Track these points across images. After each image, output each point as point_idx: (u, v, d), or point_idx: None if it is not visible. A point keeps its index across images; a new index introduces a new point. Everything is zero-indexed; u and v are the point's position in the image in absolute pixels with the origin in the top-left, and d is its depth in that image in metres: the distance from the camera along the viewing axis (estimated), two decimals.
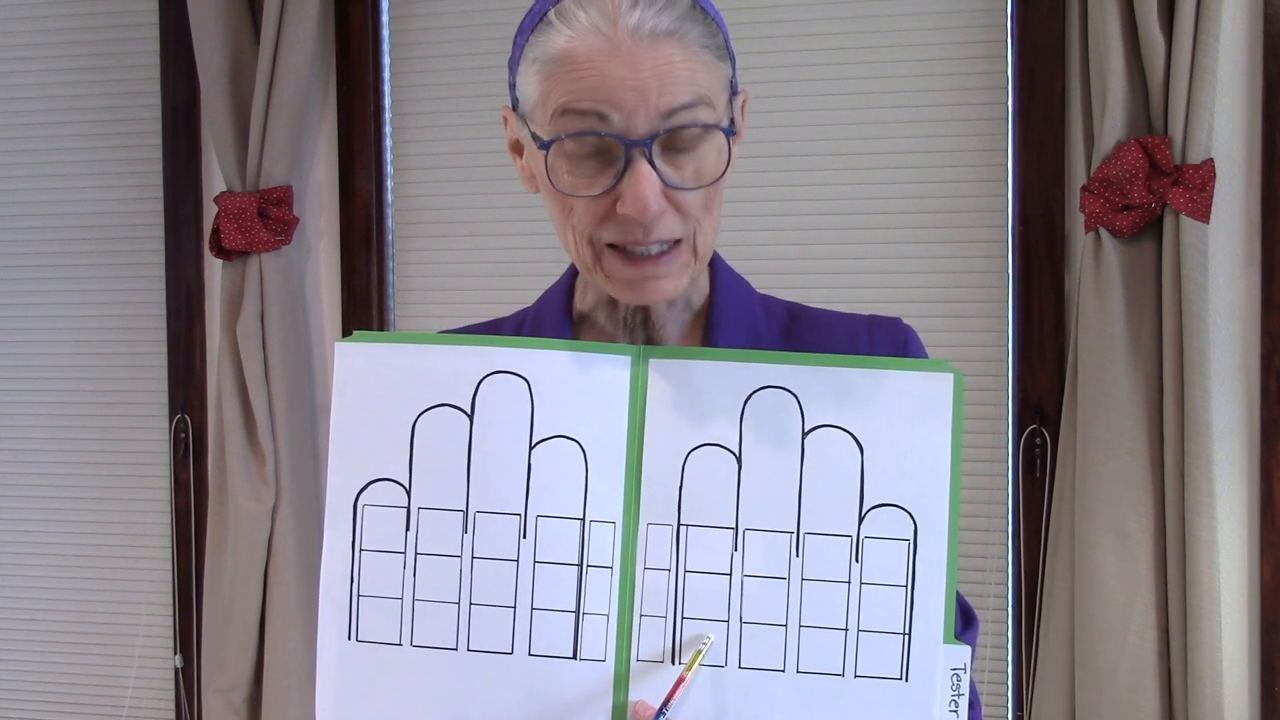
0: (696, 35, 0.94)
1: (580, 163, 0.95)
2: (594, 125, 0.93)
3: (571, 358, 0.98)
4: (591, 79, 0.92)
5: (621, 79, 0.91)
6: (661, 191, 0.94)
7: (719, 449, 0.97)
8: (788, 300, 1.13)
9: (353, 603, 0.99)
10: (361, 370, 1.00)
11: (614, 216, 0.95)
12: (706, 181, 0.96)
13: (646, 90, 0.92)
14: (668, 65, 0.92)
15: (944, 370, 0.96)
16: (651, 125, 0.93)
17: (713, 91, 0.96)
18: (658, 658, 0.96)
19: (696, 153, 0.96)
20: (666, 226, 0.96)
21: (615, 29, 0.92)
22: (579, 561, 0.96)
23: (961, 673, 0.95)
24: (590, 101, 0.92)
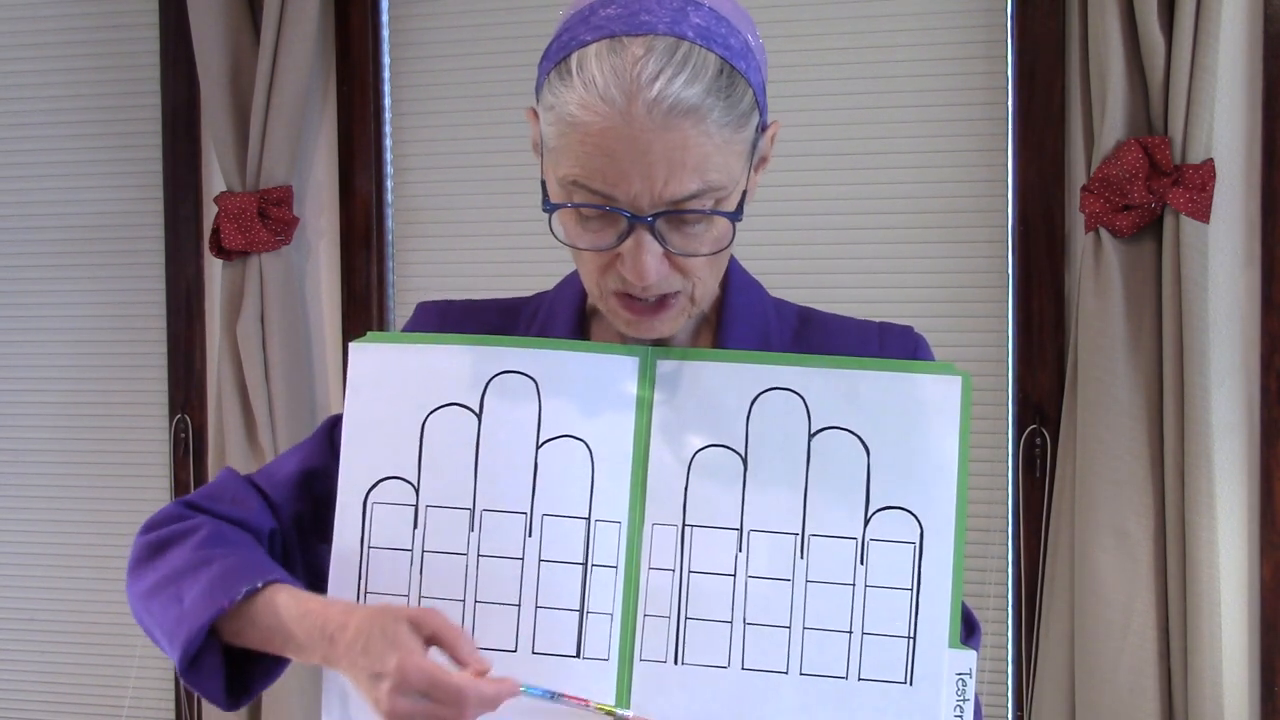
0: (718, 114, 0.91)
1: (586, 221, 0.95)
2: (600, 202, 0.92)
3: (579, 358, 0.99)
4: (600, 160, 0.90)
5: (630, 164, 0.89)
6: (662, 256, 0.93)
7: (725, 450, 0.97)
8: (800, 305, 1.13)
9: (360, 599, 1.00)
10: (374, 370, 1.01)
11: (616, 268, 0.95)
12: (707, 252, 0.96)
13: (654, 178, 0.90)
14: (679, 150, 0.89)
15: (952, 373, 0.96)
16: (656, 206, 0.91)
17: (724, 175, 0.93)
18: (661, 657, 0.96)
19: (702, 232, 0.95)
20: (666, 284, 0.96)
21: (630, 103, 0.88)
22: (584, 560, 0.97)
23: (967, 677, 0.94)
24: (599, 182, 0.91)
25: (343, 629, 0.92)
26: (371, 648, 0.90)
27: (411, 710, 0.88)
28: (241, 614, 0.97)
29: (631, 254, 0.93)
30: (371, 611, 0.92)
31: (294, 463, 1.09)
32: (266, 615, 0.96)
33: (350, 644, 0.91)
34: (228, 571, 0.98)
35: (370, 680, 0.89)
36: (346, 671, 0.92)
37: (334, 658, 0.92)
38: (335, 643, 0.92)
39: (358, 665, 0.90)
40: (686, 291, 0.98)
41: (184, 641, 0.96)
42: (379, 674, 0.88)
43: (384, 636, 0.90)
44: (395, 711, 0.88)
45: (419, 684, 0.87)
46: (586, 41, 0.91)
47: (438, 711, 0.88)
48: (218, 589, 0.97)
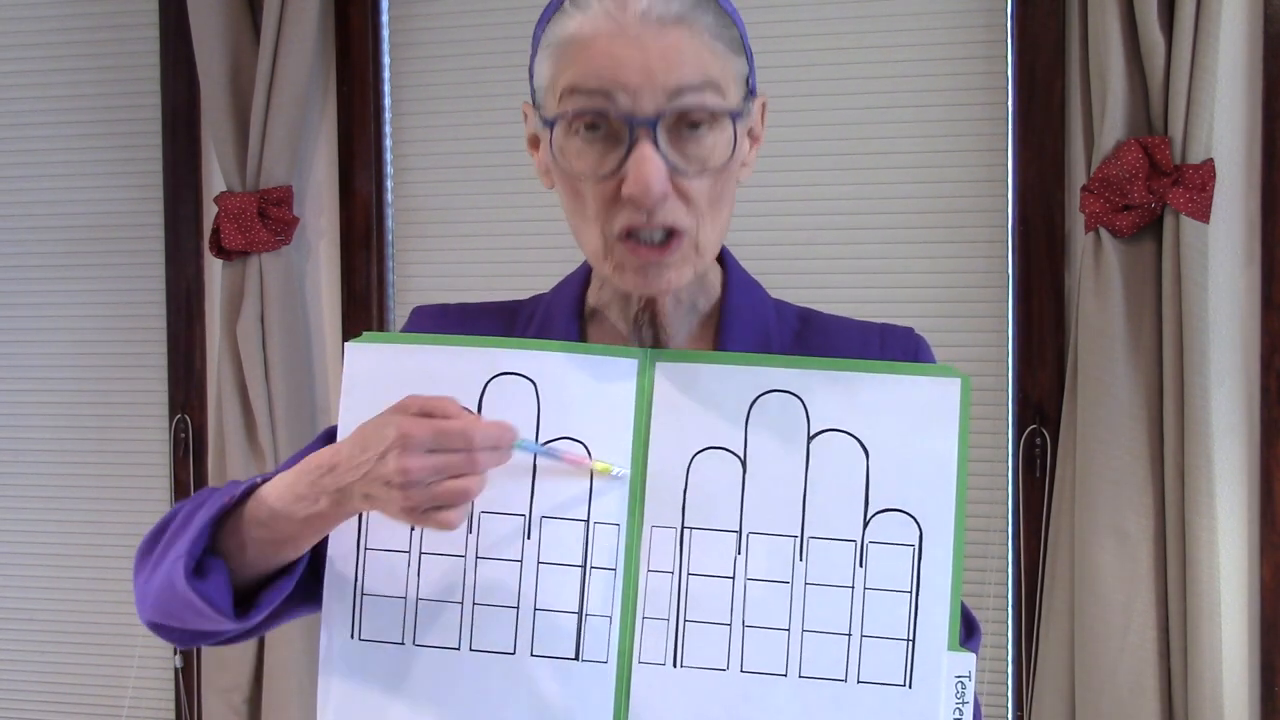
0: (707, 24, 0.94)
1: (588, 146, 0.95)
2: (600, 104, 0.93)
3: (578, 360, 0.99)
4: (599, 59, 0.93)
5: (628, 58, 0.92)
6: (666, 175, 0.93)
7: (724, 452, 0.97)
8: (800, 306, 1.12)
9: (357, 601, 1.00)
10: (370, 371, 1.00)
11: (621, 201, 0.95)
12: (711, 167, 0.96)
13: (653, 70, 0.92)
14: (675, 50, 0.93)
15: (951, 375, 0.96)
16: (657, 104, 0.93)
17: (723, 79, 0.96)
18: (660, 660, 0.95)
19: (704, 140, 0.95)
20: (670, 212, 0.95)
21: (625, 13, 0.93)
22: (582, 563, 0.96)
23: (966, 680, 0.94)
24: (597, 80, 0.93)
25: (337, 453, 0.91)
26: (368, 439, 0.89)
27: (424, 467, 0.87)
28: (242, 520, 0.96)
29: (634, 167, 0.93)
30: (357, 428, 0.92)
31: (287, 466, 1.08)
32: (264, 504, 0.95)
33: (350, 454, 0.90)
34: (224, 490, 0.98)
35: (379, 464, 0.87)
36: (358, 489, 0.89)
37: (341, 483, 0.90)
38: (336, 467, 0.90)
39: (362, 467, 0.88)
40: (690, 233, 0.97)
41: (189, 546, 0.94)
42: (384, 453, 0.87)
43: (375, 426, 0.89)
44: (410, 473, 0.86)
45: (424, 437, 0.87)
46: None
47: (449, 461, 0.87)
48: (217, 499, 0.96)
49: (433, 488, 0.88)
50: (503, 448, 0.90)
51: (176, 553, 0.95)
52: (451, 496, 0.88)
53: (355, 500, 0.91)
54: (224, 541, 0.97)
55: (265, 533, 0.95)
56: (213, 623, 0.98)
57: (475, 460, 0.88)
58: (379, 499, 0.89)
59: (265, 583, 1.00)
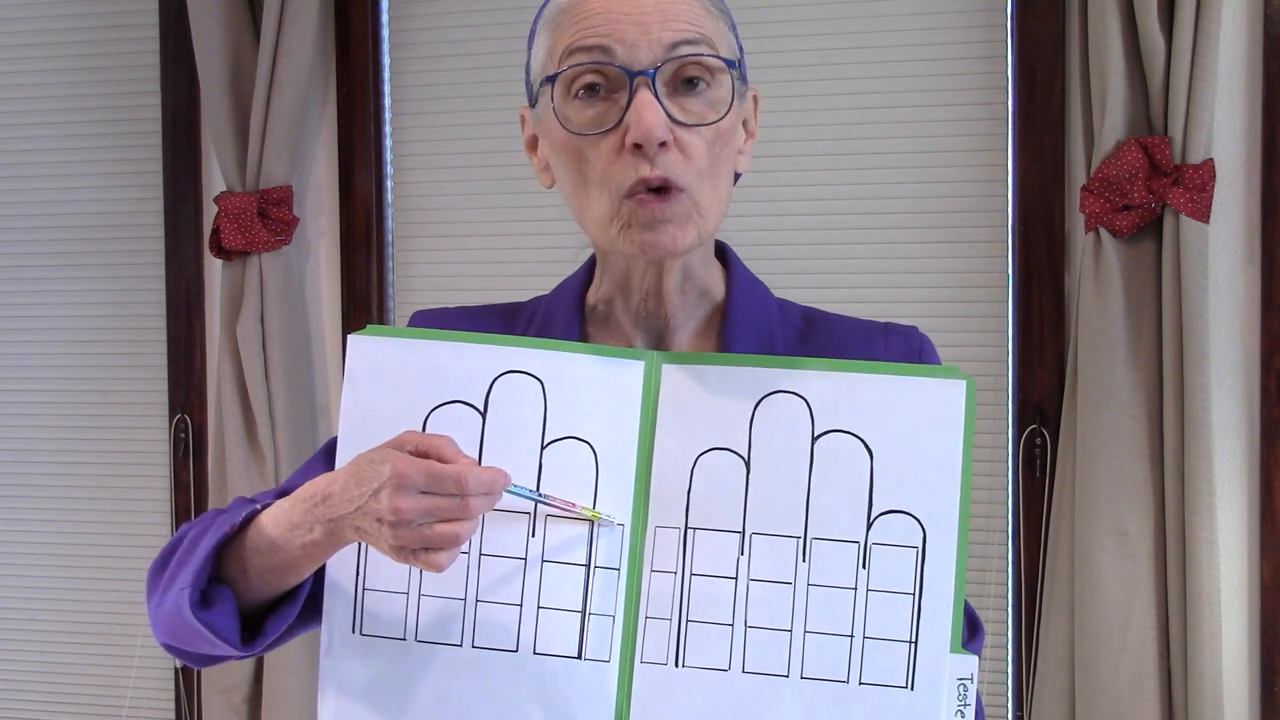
0: None
1: (588, 105, 0.98)
2: (599, 58, 0.96)
3: (585, 360, 0.99)
4: (596, 16, 0.96)
5: (624, 13, 0.96)
6: (666, 122, 0.95)
7: (728, 453, 0.97)
8: (804, 305, 1.13)
9: (358, 596, 1.00)
10: (374, 364, 1.00)
11: (623, 156, 0.96)
12: (711, 120, 0.98)
13: (649, 24, 0.95)
14: (671, 5, 0.96)
15: (956, 377, 0.95)
16: (654, 56, 0.96)
17: (717, 38, 0.99)
18: (662, 660, 0.95)
19: (703, 96, 0.98)
20: (671, 165, 0.96)
21: None
22: (586, 562, 0.96)
23: (968, 683, 0.94)
24: (595, 36, 0.96)
25: (332, 483, 0.91)
26: (363, 474, 0.89)
27: (416, 507, 0.87)
28: (243, 547, 0.97)
29: (635, 113, 0.95)
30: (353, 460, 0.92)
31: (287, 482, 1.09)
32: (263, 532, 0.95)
33: (344, 486, 0.90)
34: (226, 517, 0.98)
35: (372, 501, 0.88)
36: (350, 522, 0.90)
37: (335, 514, 0.90)
38: (330, 497, 0.91)
39: (355, 501, 0.89)
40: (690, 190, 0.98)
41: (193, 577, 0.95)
42: (377, 490, 0.87)
43: (371, 461, 0.89)
44: (401, 513, 0.87)
45: (418, 479, 0.87)
46: None
47: (441, 505, 0.87)
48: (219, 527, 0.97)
49: (423, 529, 0.88)
50: (495, 494, 0.90)
51: (182, 582, 0.96)
52: (441, 540, 0.88)
53: (348, 532, 0.91)
54: (227, 568, 0.98)
55: (265, 560, 0.96)
56: (221, 649, 0.98)
57: (468, 505, 0.88)
58: (370, 534, 0.90)
59: (271, 607, 1.00)
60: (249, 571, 0.97)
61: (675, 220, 0.98)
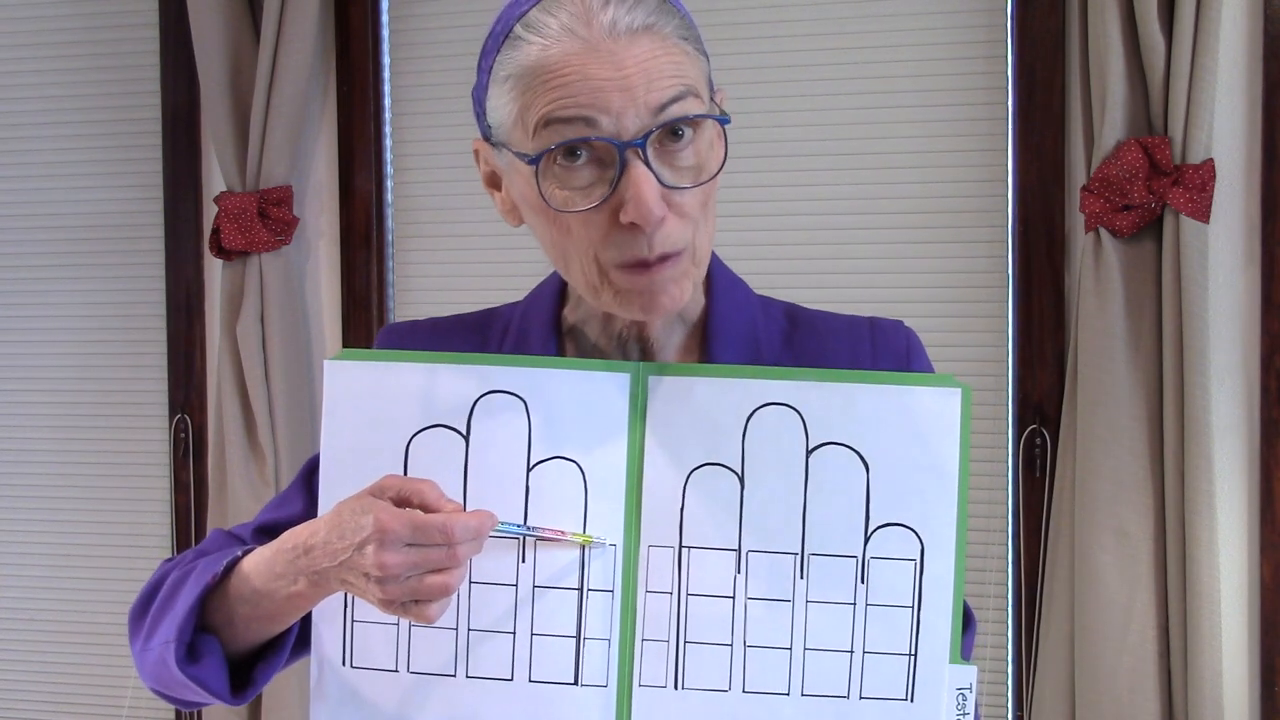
0: (674, 28, 0.91)
1: (571, 174, 0.90)
2: (582, 131, 0.88)
3: (569, 376, 0.96)
4: (574, 84, 0.88)
5: (606, 79, 0.87)
6: (661, 194, 0.89)
7: (721, 468, 0.94)
8: (785, 301, 1.09)
9: (347, 627, 0.97)
10: (352, 390, 0.97)
11: (615, 231, 0.91)
12: (706, 178, 0.92)
13: (633, 88, 0.88)
14: (650, 60, 0.88)
15: (952, 385, 0.94)
16: (643, 123, 0.88)
17: (698, 82, 0.92)
18: (660, 683, 0.94)
19: (691, 148, 0.92)
20: (669, 236, 0.91)
21: (590, 29, 0.88)
22: (579, 585, 0.94)
23: (967, 692, 0.93)
24: (576, 107, 0.88)
25: (313, 534, 0.89)
26: (345, 527, 0.87)
27: (403, 562, 0.85)
28: (227, 596, 0.95)
29: (633, 191, 0.88)
30: (334, 508, 0.90)
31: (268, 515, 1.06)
32: (246, 581, 0.93)
33: (326, 539, 0.88)
34: (208, 563, 0.96)
35: (357, 555, 0.86)
36: (335, 575, 0.88)
37: (318, 567, 0.88)
38: (312, 550, 0.89)
39: (338, 555, 0.87)
40: (689, 247, 0.94)
41: (178, 630, 0.93)
42: (361, 544, 0.85)
43: (352, 512, 0.87)
44: (388, 569, 0.85)
45: (402, 532, 0.85)
46: (524, 10, 0.92)
47: (429, 556, 0.86)
48: (202, 575, 0.95)
49: (411, 582, 0.86)
50: (483, 537, 0.88)
51: (166, 633, 0.94)
52: (431, 592, 0.86)
53: (333, 584, 0.90)
54: (211, 617, 0.96)
55: (250, 609, 0.94)
56: (210, 701, 0.97)
57: (455, 554, 0.86)
58: (356, 587, 0.88)
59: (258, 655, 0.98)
60: (235, 620, 0.95)
61: (673, 280, 0.94)
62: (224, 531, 1.07)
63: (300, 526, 0.92)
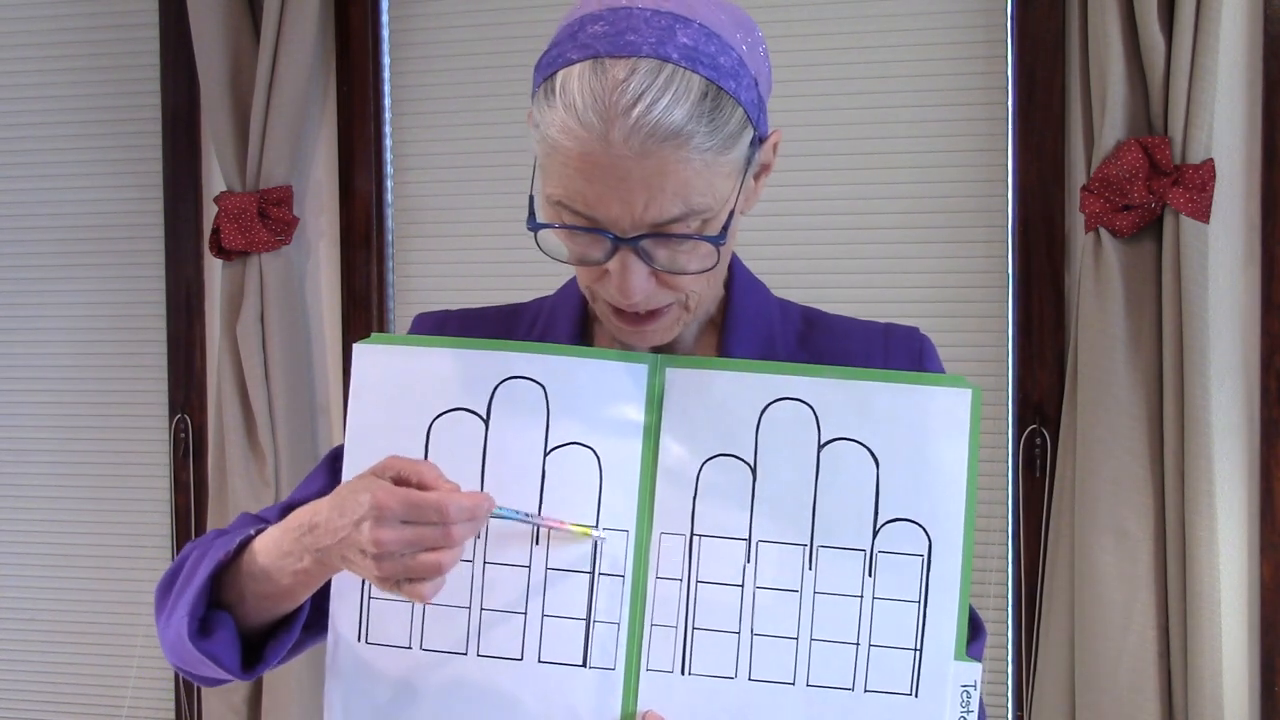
0: (700, 139, 0.89)
1: (572, 239, 0.95)
2: (583, 223, 0.92)
3: (588, 365, 0.98)
4: (580, 183, 0.90)
5: (608, 189, 0.89)
6: (649, 275, 0.93)
7: (734, 459, 0.96)
8: (804, 305, 1.12)
9: (364, 605, 0.99)
10: (379, 373, 1.00)
11: (606, 281, 0.95)
12: (695, 270, 0.95)
13: (633, 203, 0.89)
14: (658, 176, 0.88)
15: (963, 386, 0.96)
16: (638, 230, 0.91)
17: (709, 197, 0.91)
18: (667, 667, 0.95)
19: (689, 250, 0.94)
20: (655, 300, 0.96)
21: (609, 129, 0.87)
22: (591, 569, 0.96)
23: (971, 689, 0.94)
24: (580, 203, 0.91)
25: (316, 513, 0.91)
26: (345, 505, 0.89)
27: (397, 538, 0.86)
28: (239, 573, 0.97)
29: (618, 274, 0.93)
30: (338, 488, 0.92)
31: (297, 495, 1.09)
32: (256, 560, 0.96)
33: (328, 517, 0.90)
34: (224, 542, 0.98)
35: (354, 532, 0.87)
36: (336, 552, 0.90)
37: (321, 544, 0.90)
38: (315, 528, 0.91)
39: (339, 533, 0.89)
40: (679, 302, 0.98)
41: (190, 606, 0.95)
42: (358, 521, 0.87)
43: (352, 490, 0.89)
44: (383, 545, 0.86)
45: (398, 509, 0.86)
46: (572, 60, 0.90)
47: (424, 534, 0.87)
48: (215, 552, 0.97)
49: (406, 559, 0.87)
50: (479, 519, 0.90)
51: (182, 610, 0.96)
52: (424, 570, 0.88)
53: (336, 561, 0.91)
54: (226, 594, 0.98)
55: (259, 587, 0.96)
56: (223, 675, 0.99)
57: (450, 534, 0.87)
58: (355, 565, 0.90)
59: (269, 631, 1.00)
60: (246, 597, 0.98)
61: (661, 329, 0.99)
62: (250, 515, 1.09)
63: (307, 505, 0.94)
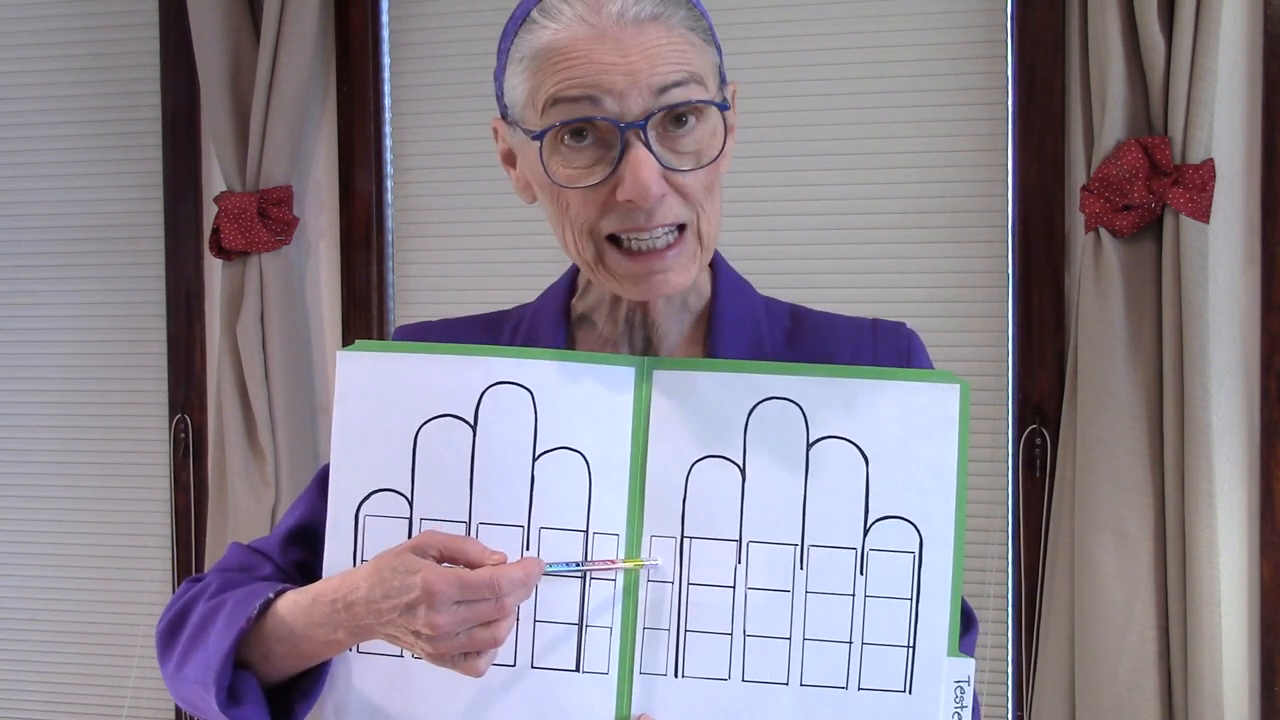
0: (681, 18, 0.94)
1: (576, 154, 0.94)
2: (587, 111, 0.92)
3: (575, 368, 0.98)
4: (580, 66, 0.92)
5: (611, 64, 0.91)
6: (661, 174, 0.93)
7: (723, 461, 0.96)
8: (790, 303, 1.12)
9: None
10: (363, 379, 0.99)
11: (614, 206, 0.94)
12: (705, 162, 0.96)
13: (637, 71, 0.91)
14: (655, 47, 0.92)
15: (950, 381, 0.95)
16: (645, 105, 0.92)
17: (703, 71, 0.95)
18: (661, 670, 0.95)
19: (693, 134, 0.95)
20: (669, 210, 0.95)
21: (600, 17, 0.92)
22: (582, 574, 0.96)
23: (965, 685, 0.94)
24: (581, 87, 0.92)
25: (354, 590, 0.91)
26: (390, 588, 0.88)
27: (454, 621, 0.86)
28: (263, 635, 0.96)
29: (630, 171, 0.92)
30: (373, 563, 0.91)
31: (290, 520, 1.09)
32: (283, 623, 0.95)
33: (368, 598, 0.89)
34: (240, 601, 0.97)
35: (405, 617, 0.87)
36: (379, 630, 0.90)
37: (360, 623, 0.90)
38: (353, 606, 0.90)
39: (384, 615, 0.88)
40: (692, 226, 0.97)
41: (215, 675, 0.94)
42: (409, 605, 0.87)
43: (395, 571, 0.89)
44: (440, 629, 0.86)
45: (451, 592, 0.86)
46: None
47: (479, 611, 0.87)
48: (235, 615, 0.96)
49: (461, 637, 0.88)
50: (530, 585, 0.90)
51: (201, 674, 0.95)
52: (481, 645, 0.88)
53: (376, 636, 0.91)
54: (247, 653, 0.97)
55: (286, 649, 0.96)
56: None
57: (504, 606, 0.88)
58: (404, 643, 0.90)
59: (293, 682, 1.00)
60: (270, 658, 0.97)
61: (677, 266, 0.97)
62: (243, 547, 1.09)
63: (338, 577, 0.93)
